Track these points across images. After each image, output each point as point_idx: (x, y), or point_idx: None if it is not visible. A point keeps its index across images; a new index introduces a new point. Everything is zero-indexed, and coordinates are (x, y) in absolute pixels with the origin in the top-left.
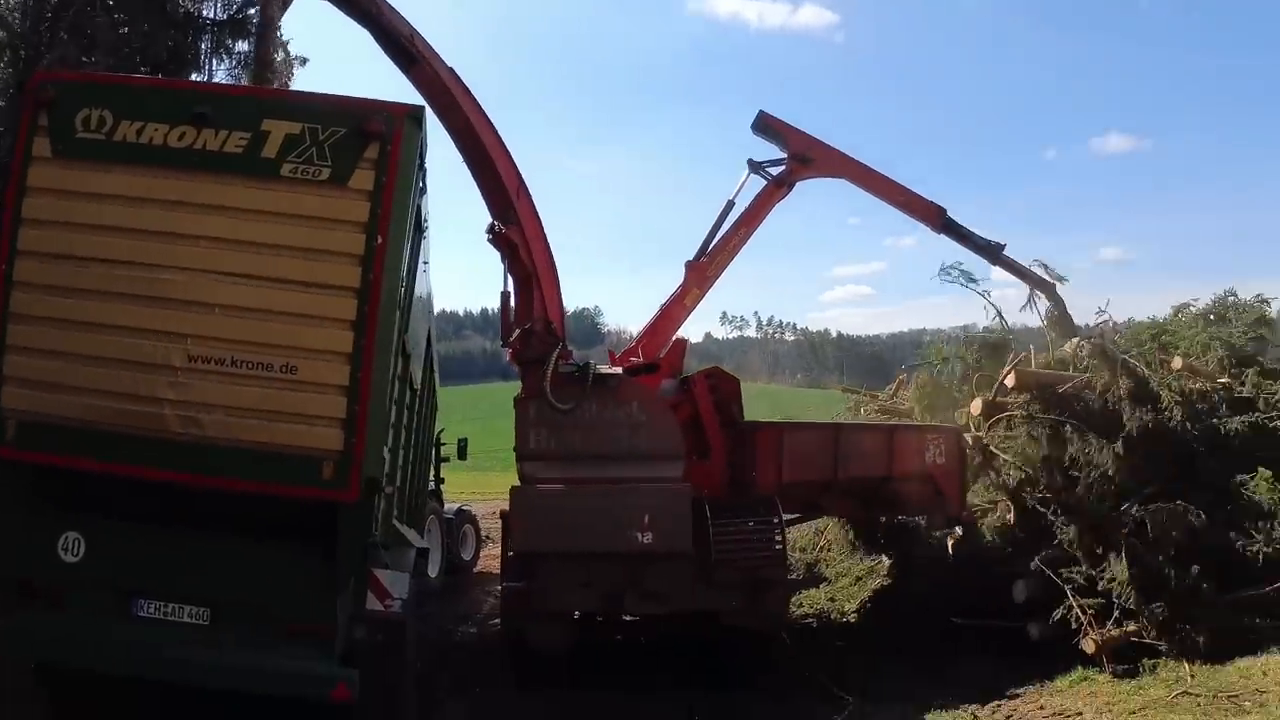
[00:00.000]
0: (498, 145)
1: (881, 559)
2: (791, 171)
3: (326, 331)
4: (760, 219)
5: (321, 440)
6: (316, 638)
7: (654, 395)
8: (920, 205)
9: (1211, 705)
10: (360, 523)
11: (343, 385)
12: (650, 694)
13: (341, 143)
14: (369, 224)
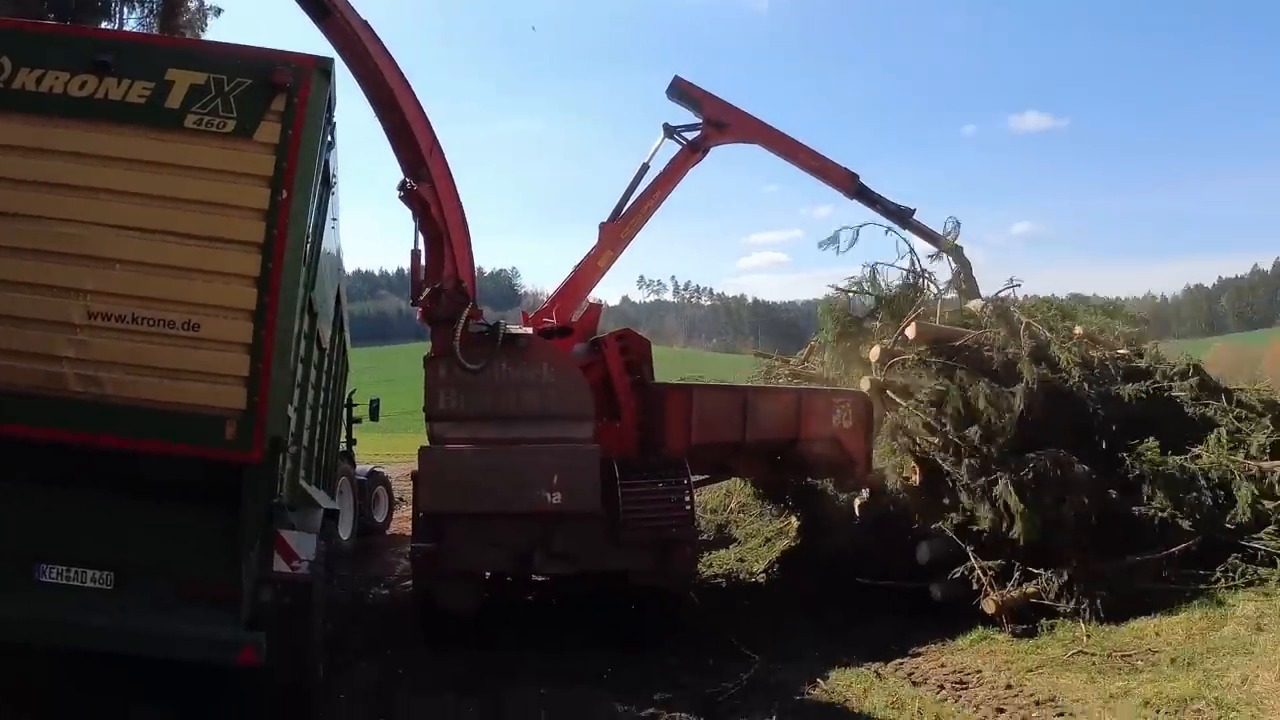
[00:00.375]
0: (411, 101)
1: (790, 520)
2: (706, 136)
3: (230, 288)
4: (674, 183)
5: (224, 399)
6: (222, 601)
7: (564, 356)
8: (833, 171)
9: (1106, 664)
10: (265, 483)
11: (246, 343)
12: (560, 653)
13: (247, 94)
14: (274, 178)
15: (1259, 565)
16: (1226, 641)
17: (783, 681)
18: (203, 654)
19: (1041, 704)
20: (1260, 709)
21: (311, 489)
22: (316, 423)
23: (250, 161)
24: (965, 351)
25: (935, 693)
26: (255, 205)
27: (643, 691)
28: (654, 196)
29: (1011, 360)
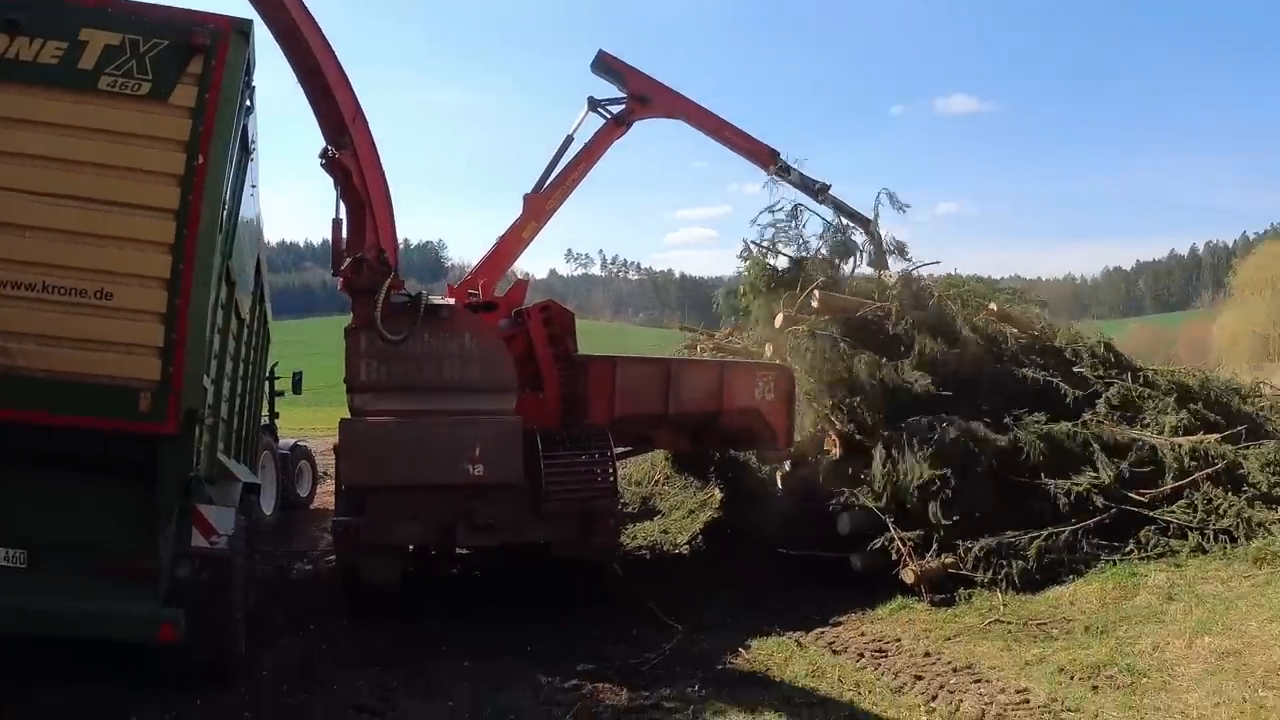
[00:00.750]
0: (334, 67)
1: (714, 492)
2: (630, 111)
3: (143, 255)
4: (598, 156)
5: (138, 370)
6: (139, 578)
7: (487, 327)
8: (754, 147)
9: (1021, 632)
10: (181, 457)
11: (160, 312)
12: (485, 625)
13: (163, 55)
14: (190, 142)
15: (1171, 537)
16: (1139, 610)
17: (705, 651)
18: (120, 633)
19: (959, 671)
20: (1170, 675)
21: (230, 462)
22: (235, 395)
23: (166, 125)
24: (868, 323)
25: (855, 661)
26: (170, 170)
27: (566, 662)
28: (577, 169)
29: (906, 332)
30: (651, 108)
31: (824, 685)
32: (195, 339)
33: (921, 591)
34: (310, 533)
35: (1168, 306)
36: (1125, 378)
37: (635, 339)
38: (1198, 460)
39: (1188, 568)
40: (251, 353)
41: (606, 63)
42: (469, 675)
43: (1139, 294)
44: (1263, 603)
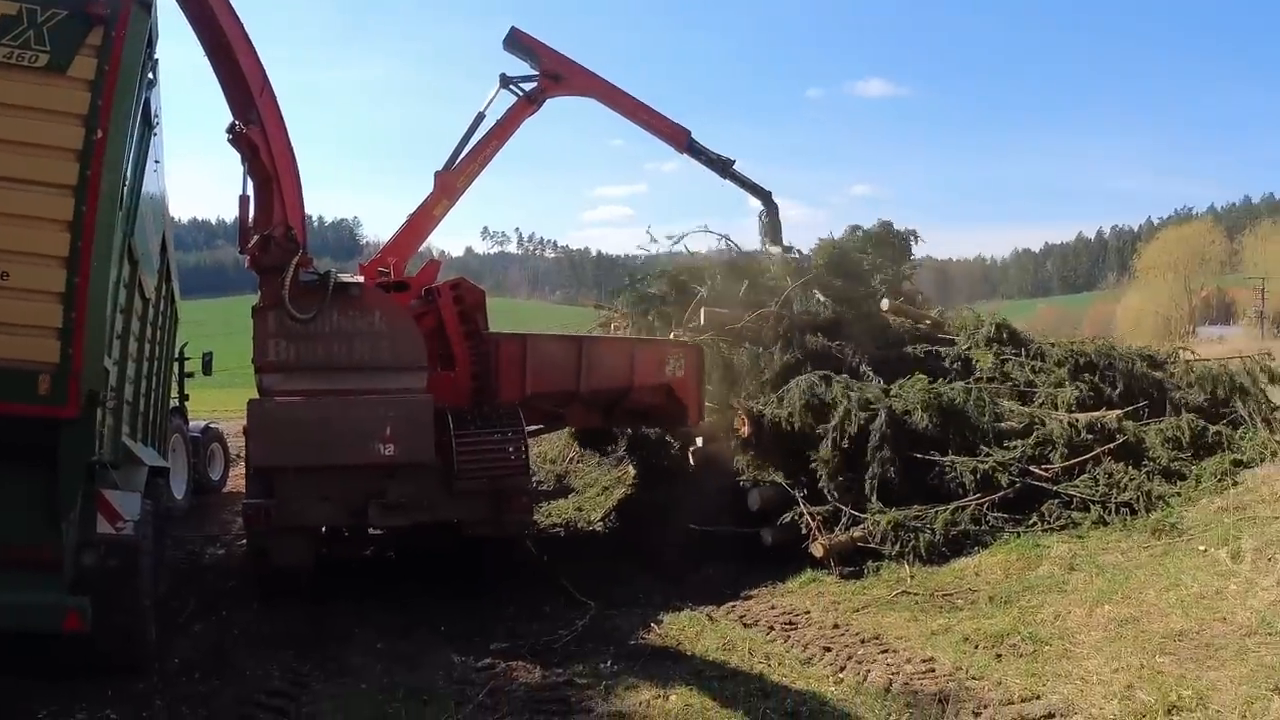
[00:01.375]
0: (241, 39)
1: (627, 470)
2: (542, 89)
3: (41, 233)
4: (509, 133)
5: (36, 352)
6: (43, 566)
7: (397, 305)
8: (666, 126)
9: (928, 603)
10: (83, 440)
11: (58, 292)
12: (399, 605)
13: (61, 26)
14: (89, 116)
15: (1074, 510)
16: (1041, 580)
17: (617, 627)
18: (24, 623)
19: (866, 642)
20: (1071, 642)
21: (136, 446)
22: (141, 376)
23: (64, 98)
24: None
25: (765, 633)
26: (69, 145)
27: (480, 641)
28: (489, 146)
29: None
30: (564, 86)
31: (734, 658)
32: (95, 319)
33: (831, 565)
34: (223, 516)
35: (1074, 288)
36: (1020, 354)
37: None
38: (1095, 434)
39: (1089, 539)
40: (157, 333)
41: (520, 39)
42: (382, 656)
43: (1046, 276)
44: (1160, 572)
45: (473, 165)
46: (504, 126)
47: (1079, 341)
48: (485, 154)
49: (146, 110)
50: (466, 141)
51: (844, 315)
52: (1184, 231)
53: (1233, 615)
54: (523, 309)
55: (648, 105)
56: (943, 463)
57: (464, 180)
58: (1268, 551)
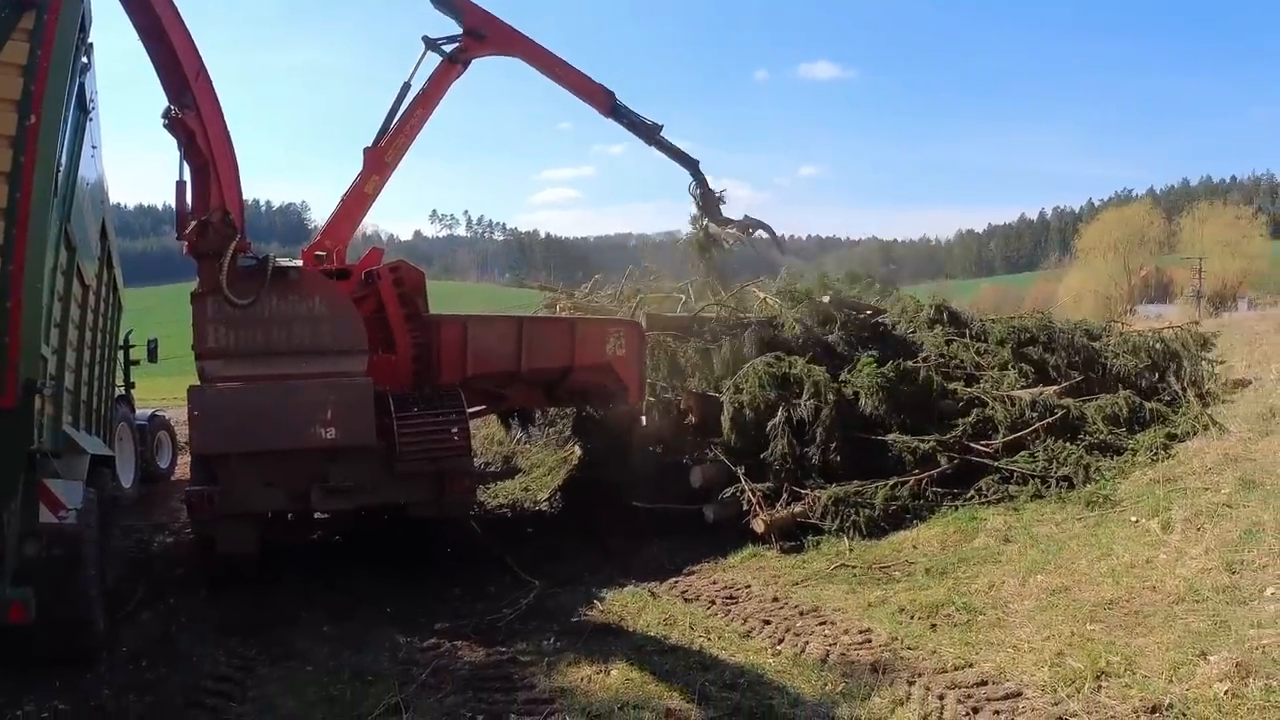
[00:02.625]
0: (175, 22)
1: (573, 450)
2: (464, 48)
3: None
4: (436, 99)
5: None
6: None
7: (336, 289)
8: (590, 87)
9: (866, 575)
10: (22, 430)
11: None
12: (344, 588)
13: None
14: (22, 102)
15: (1011, 484)
16: (977, 552)
17: (561, 605)
18: None
19: (805, 614)
20: (1004, 611)
21: (79, 434)
22: (82, 364)
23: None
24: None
25: (706, 608)
26: (1, 131)
27: (424, 621)
28: (415, 115)
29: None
30: (487, 44)
31: (675, 633)
32: (31, 307)
33: (771, 540)
34: (171, 505)
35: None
36: (965, 334)
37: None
38: (1036, 411)
39: (1024, 511)
40: (99, 320)
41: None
42: (327, 639)
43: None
44: (1093, 542)
45: (400, 137)
46: (429, 92)
47: (1019, 317)
48: (412, 123)
49: (81, 95)
50: (394, 114)
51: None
52: (1124, 213)
53: (1162, 584)
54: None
55: (572, 65)
56: (885, 440)
57: (393, 154)
58: (1197, 522)
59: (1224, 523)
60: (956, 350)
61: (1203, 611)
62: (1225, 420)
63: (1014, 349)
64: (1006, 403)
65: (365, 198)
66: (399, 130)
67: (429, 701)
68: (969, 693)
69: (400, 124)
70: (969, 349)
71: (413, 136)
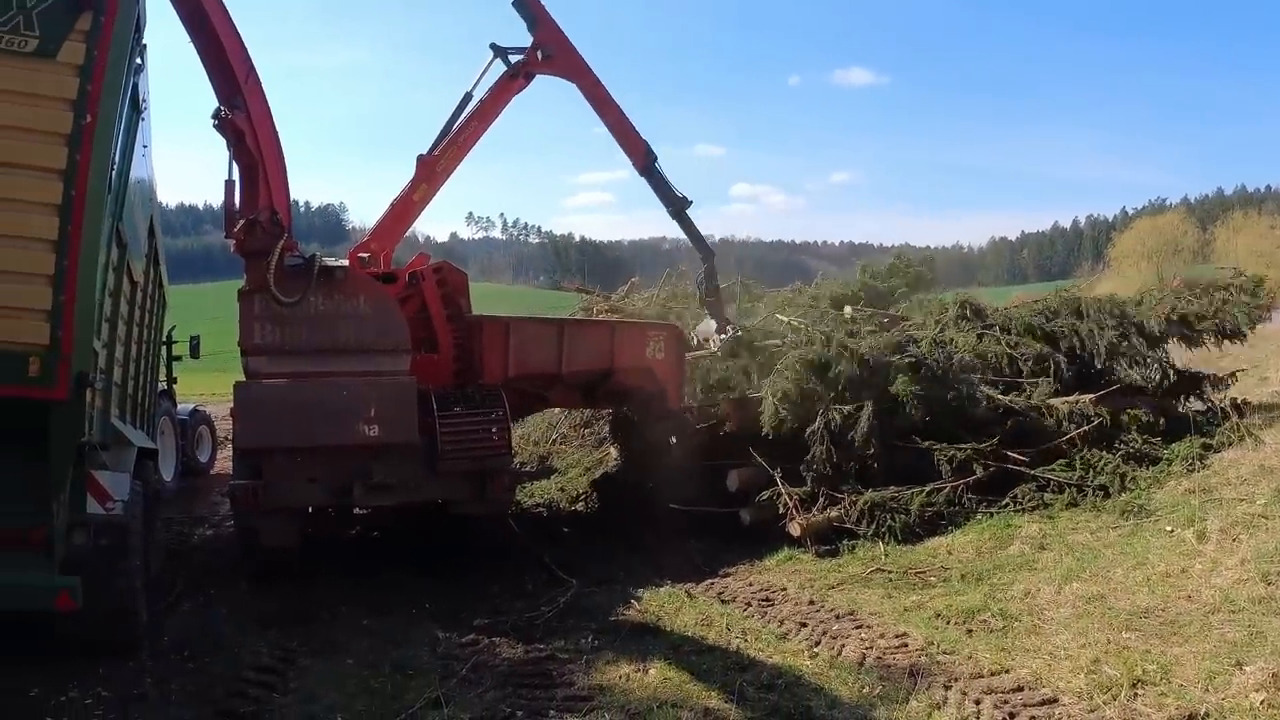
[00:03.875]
0: (227, 25)
1: (609, 451)
2: (529, 62)
3: (30, 217)
4: (496, 112)
5: (26, 334)
6: (34, 547)
7: (380, 288)
8: (633, 139)
9: (902, 580)
10: (73, 422)
11: (48, 275)
12: (384, 584)
13: (51, 11)
14: (78, 101)
15: (1047, 492)
16: (1012, 559)
17: (598, 604)
18: (16, 603)
19: (841, 617)
20: (1040, 619)
21: (126, 427)
22: (130, 359)
23: (53, 83)
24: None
25: (743, 610)
26: (58, 130)
27: (463, 617)
28: (472, 126)
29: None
30: (553, 64)
31: (712, 634)
32: (85, 302)
33: (807, 544)
34: (211, 498)
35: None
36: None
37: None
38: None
39: (1060, 519)
40: (146, 316)
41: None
42: (367, 633)
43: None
44: (1128, 551)
45: (455, 147)
46: (490, 104)
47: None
48: (466, 135)
49: (135, 95)
50: (453, 122)
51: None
52: (1157, 222)
53: (1197, 593)
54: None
55: (623, 112)
56: (921, 448)
57: (445, 163)
58: (1232, 532)
59: (1259, 533)
60: (989, 345)
61: (1238, 621)
62: (1260, 431)
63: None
64: (1043, 412)
65: (413, 205)
66: (454, 140)
67: (469, 696)
68: (1005, 698)
69: (456, 134)
70: (1000, 342)
71: (468, 148)
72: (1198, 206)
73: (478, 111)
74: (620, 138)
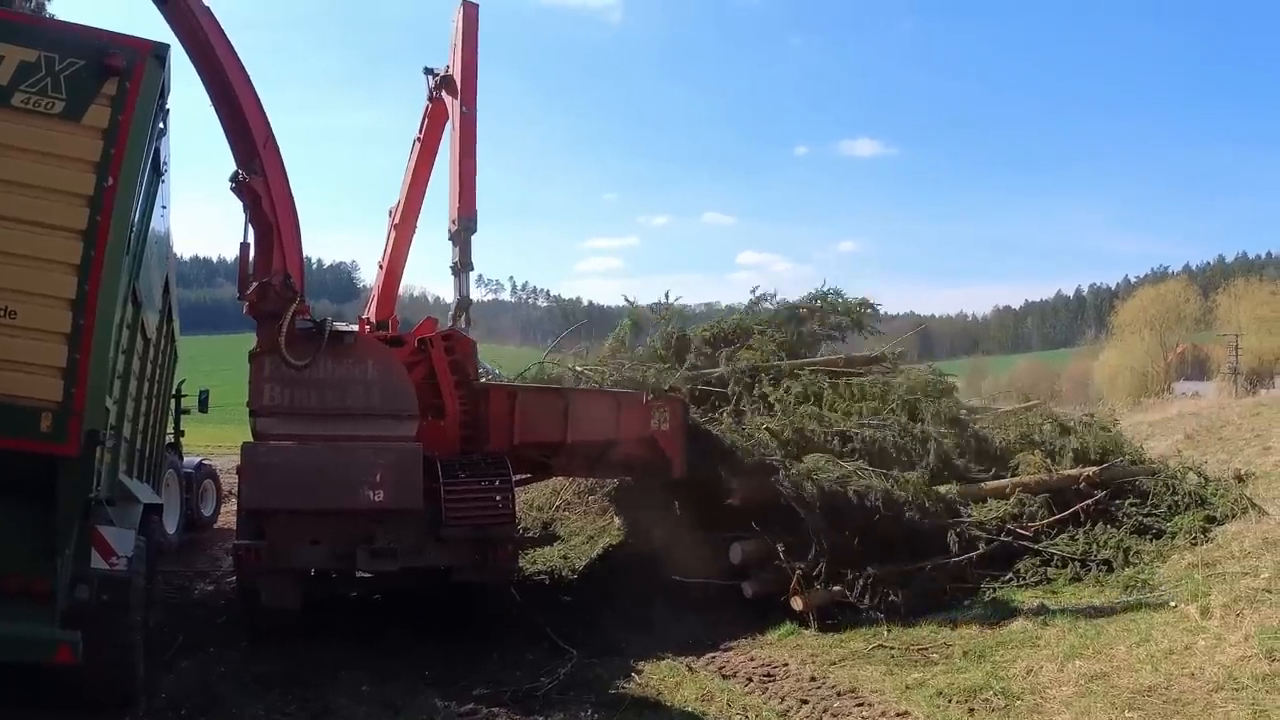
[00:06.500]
0: (248, 93)
1: (612, 519)
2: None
3: (49, 275)
4: (433, 140)
5: (40, 390)
6: (36, 599)
7: (390, 354)
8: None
9: (904, 657)
10: (81, 477)
11: (64, 332)
12: (384, 649)
13: (78, 75)
14: (101, 164)
15: (1050, 566)
16: (1015, 635)
17: (599, 675)
18: (16, 654)
19: (843, 695)
20: (1042, 697)
21: (132, 483)
22: (139, 414)
23: (77, 145)
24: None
25: (744, 685)
26: (80, 190)
27: (463, 686)
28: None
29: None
30: (450, 88)
31: (712, 709)
32: (99, 360)
33: (810, 618)
34: (213, 552)
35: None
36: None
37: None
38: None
39: (1062, 595)
40: (157, 371)
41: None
42: (366, 699)
43: (1026, 332)
44: (1131, 628)
45: (412, 188)
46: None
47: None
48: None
49: (156, 159)
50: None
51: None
52: (1160, 290)
53: (1201, 671)
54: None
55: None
56: (924, 526)
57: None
58: (1236, 608)
59: (1263, 608)
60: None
61: (1243, 699)
62: (1264, 502)
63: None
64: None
65: (401, 258)
66: (408, 179)
67: None
68: None
69: (410, 173)
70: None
71: (425, 182)
72: (1199, 274)
73: (423, 146)
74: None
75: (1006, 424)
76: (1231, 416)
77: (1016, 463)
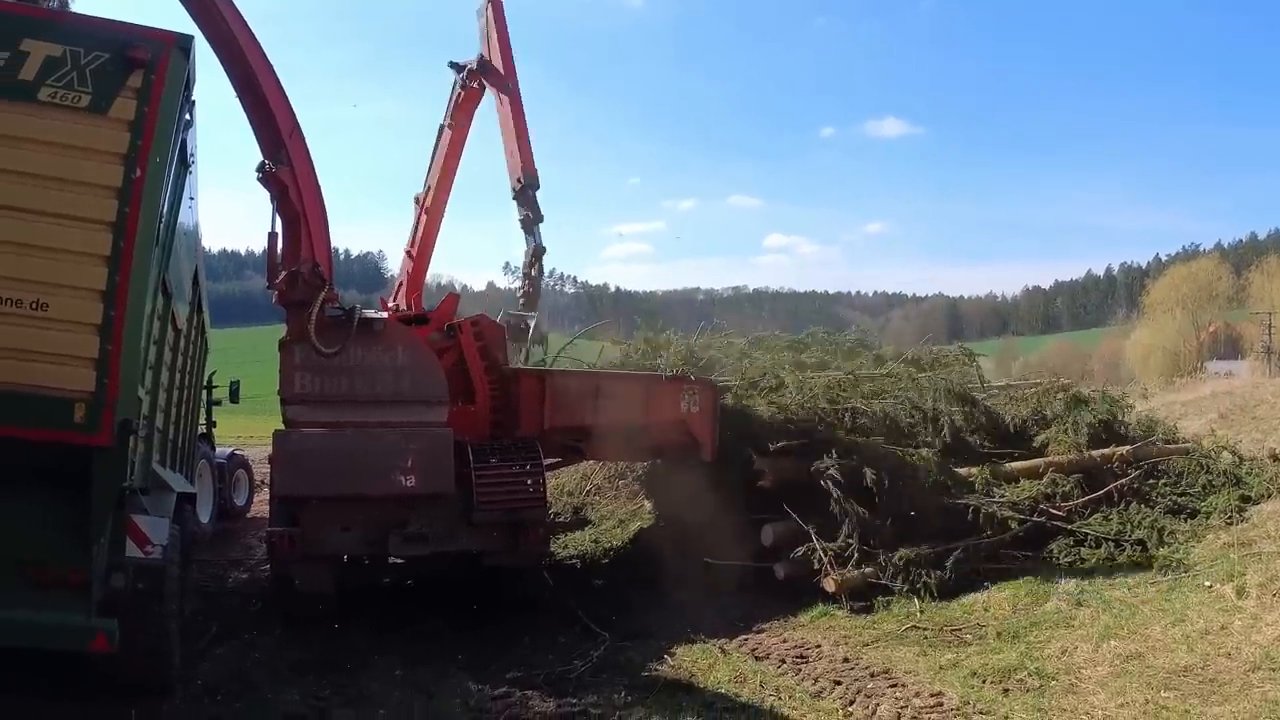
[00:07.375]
0: (273, 83)
1: (643, 503)
2: (470, 75)
3: (80, 267)
4: (463, 125)
5: (73, 381)
6: (73, 588)
7: (419, 340)
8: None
9: (937, 637)
10: (115, 467)
11: (96, 324)
12: (417, 634)
13: (104, 69)
14: (128, 156)
15: (1082, 546)
16: (1049, 616)
17: (631, 659)
18: (53, 642)
19: (876, 676)
20: (1077, 677)
21: (165, 472)
22: (171, 404)
23: (104, 138)
24: None
25: (777, 667)
26: (108, 183)
27: (496, 670)
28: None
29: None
30: (490, 75)
31: (745, 691)
32: (130, 351)
33: (842, 599)
34: (247, 541)
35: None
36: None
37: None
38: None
39: (1096, 575)
40: (188, 362)
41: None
42: (400, 683)
43: (1057, 312)
44: (1165, 608)
45: (441, 174)
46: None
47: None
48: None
49: (183, 150)
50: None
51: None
52: (1191, 269)
53: (1237, 651)
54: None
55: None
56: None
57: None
58: (1272, 587)
59: None
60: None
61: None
62: None
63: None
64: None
65: (429, 244)
66: (437, 165)
67: None
68: None
69: (438, 160)
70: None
71: (452, 172)
72: (1231, 252)
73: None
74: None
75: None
76: (1265, 395)
77: (1045, 440)
